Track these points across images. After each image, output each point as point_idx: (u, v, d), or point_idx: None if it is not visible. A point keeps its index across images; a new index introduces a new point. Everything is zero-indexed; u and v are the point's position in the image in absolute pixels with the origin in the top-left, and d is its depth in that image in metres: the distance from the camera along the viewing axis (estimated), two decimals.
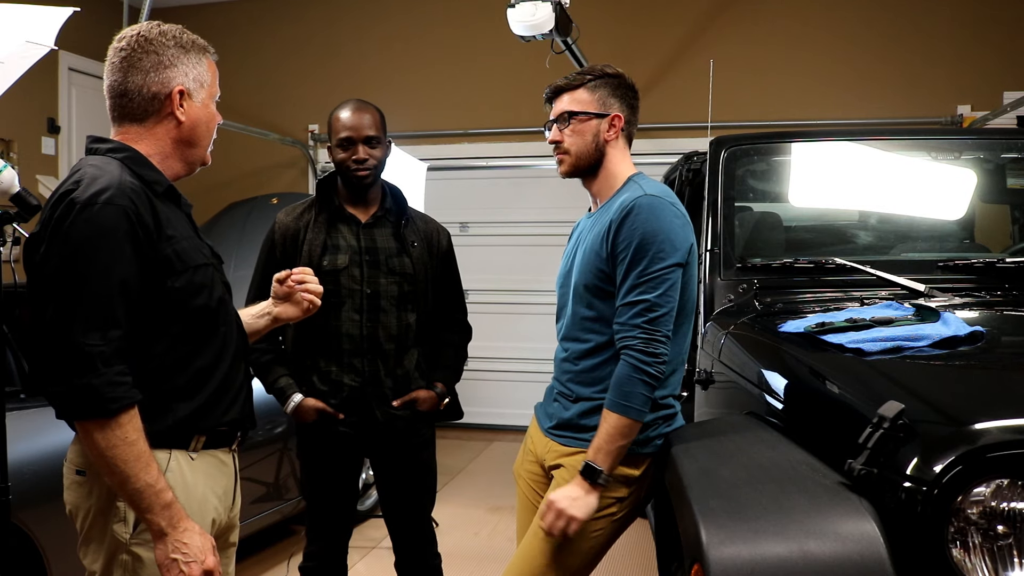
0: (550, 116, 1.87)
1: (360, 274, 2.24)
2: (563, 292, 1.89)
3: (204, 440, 1.50)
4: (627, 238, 1.66)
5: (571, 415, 1.78)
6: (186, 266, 1.43)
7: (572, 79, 1.83)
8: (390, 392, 2.26)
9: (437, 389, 2.35)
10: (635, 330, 1.63)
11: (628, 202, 1.69)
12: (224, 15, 6.66)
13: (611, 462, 1.63)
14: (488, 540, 3.71)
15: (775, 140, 2.96)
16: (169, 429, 1.44)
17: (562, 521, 1.63)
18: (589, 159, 1.82)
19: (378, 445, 2.31)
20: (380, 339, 2.25)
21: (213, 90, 1.56)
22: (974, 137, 3.14)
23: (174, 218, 1.47)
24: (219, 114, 1.59)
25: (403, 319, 2.28)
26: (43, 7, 2.34)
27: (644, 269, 1.64)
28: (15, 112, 5.40)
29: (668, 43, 5.71)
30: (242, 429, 1.59)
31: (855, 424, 1.33)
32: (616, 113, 1.80)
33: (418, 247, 2.31)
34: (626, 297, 1.65)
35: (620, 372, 1.63)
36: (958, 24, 5.35)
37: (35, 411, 2.35)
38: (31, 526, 2.18)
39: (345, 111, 2.24)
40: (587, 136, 1.80)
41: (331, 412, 2.22)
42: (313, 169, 6.52)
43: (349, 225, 2.28)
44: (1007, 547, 1.20)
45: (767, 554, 1.14)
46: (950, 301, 2.10)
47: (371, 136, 2.23)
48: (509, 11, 3.51)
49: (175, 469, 1.45)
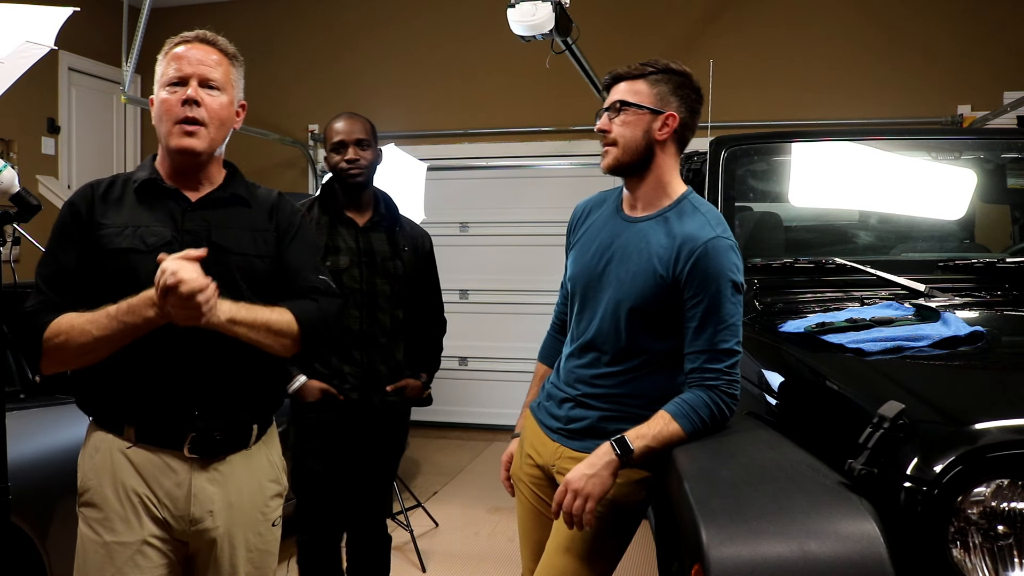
0: (604, 104, 1.78)
1: (359, 275, 2.45)
2: (586, 295, 1.79)
3: (135, 432, 1.55)
4: (703, 284, 1.61)
5: (591, 421, 1.75)
6: (106, 251, 1.54)
7: (634, 68, 1.73)
8: (385, 380, 2.49)
9: (422, 379, 2.62)
10: (718, 373, 1.61)
11: (700, 242, 1.62)
12: (224, 15, 6.66)
13: (644, 454, 1.59)
14: (488, 540, 3.70)
15: (775, 140, 2.96)
16: (101, 409, 1.58)
17: (579, 500, 1.58)
18: (636, 155, 1.71)
19: (371, 427, 2.49)
20: (376, 334, 2.47)
21: (166, 76, 1.60)
22: (974, 137, 3.13)
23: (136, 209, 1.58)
24: (186, 93, 1.56)
25: (395, 316, 2.51)
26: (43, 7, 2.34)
27: (723, 315, 1.61)
28: (15, 112, 5.40)
29: (668, 43, 5.70)
30: (196, 436, 1.55)
31: (855, 424, 1.33)
32: (672, 112, 1.69)
33: (408, 251, 2.54)
34: (709, 340, 1.61)
35: (696, 399, 1.59)
36: (958, 24, 5.35)
37: (35, 411, 2.35)
38: (31, 526, 2.18)
39: (338, 120, 2.49)
40: (637, 130, 1.70)
41: (334, 392, 2.40)
42: (313, 169, 6.52)
43: (348, 228, 2.47)
44: (1007, 547, 1.21)
45: (767, 554, 1.14)
46: (950, 301, 2.10)
47: (361, 139, 2.46)
48: (509, 11, 3.51)
49: (104, 451, 1.55)
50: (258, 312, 1.53)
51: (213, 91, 1.59)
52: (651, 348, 1.71)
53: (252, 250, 1.63)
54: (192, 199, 1.61)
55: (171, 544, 1.56)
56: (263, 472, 1.68)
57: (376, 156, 2.51)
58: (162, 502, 1.54)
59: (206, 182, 1.65)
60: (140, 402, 1.54)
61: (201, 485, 1.56)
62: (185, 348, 1.52)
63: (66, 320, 1.49)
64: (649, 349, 1.71)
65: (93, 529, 1.54)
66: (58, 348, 1.48)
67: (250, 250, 1.63)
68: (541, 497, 1.86)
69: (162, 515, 1.55)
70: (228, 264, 1.58)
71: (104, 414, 1.59)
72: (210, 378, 1.57)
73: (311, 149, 6.52)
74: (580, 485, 1.58)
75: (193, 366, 1.54)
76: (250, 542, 1.63)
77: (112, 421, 1.57)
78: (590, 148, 5.84)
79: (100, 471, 1.55)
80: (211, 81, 1.59)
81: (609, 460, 1.58)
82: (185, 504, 1.55)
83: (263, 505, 1.67)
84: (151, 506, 1.54)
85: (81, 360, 1.51)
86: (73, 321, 1.48)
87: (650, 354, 1.71)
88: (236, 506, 1.61)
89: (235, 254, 1.60)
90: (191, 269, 1.38)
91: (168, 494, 1.55)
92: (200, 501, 1.56)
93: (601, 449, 1.60)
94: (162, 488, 1.54)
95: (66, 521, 1.52)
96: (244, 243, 1.63)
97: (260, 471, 1.67)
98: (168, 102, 1.57)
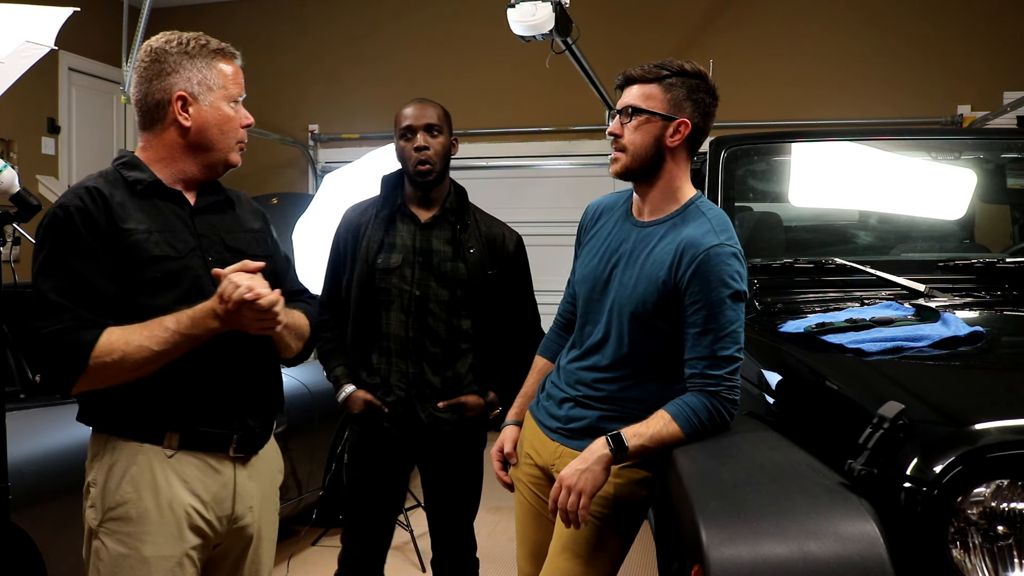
0: (616, 105, 1.72)
1: (411, 275, 2.21)
2: (590, 299, 1.78)
3: (178, 439, 1.50)
4: (703, 290, 1.59)
5: (591, 421, 1.75)
6: (143, 258, 1.47)
7: (647, 71, 1.67)
8: (437, 394, 2.22)
9: (488, 397, 2.28)
10: (719, 379, 1.60)
11: (701, 248, 1.60)
12: (224, 15, 6.66)
13: (639, 452, 1.58)
14: (488, 540, 3.70)
15: (775, 140, 2.96)
16: (136, 420, 1.49)
17: (573, 496, 1.58)
18: (646, 162, 1.68)
19: (425, 448, 2.28)
20: (425, 343, 2.21)
21: (229, 92, 1.55)
22: (974, 137, 3.13)
23: (150, 213, 1.51)
24: (245, 115, 1.58)
25: (455, 324, 2.23)
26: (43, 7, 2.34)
27: (723, 322, 1.59)
28: (15, 112, 5.40)
29: (668, 43, 5.70)
30: (241, 435, 1.55)
31: (855, 424, 1.33)
32: (684, 119, 1.65)
33: (476, 252, 2.25)
34: (709, 347, 1.60)
35: (697, 402, 1.59)
36: (958, 24, 5.35)
37: (35, 411, 2.35)
38: (31, 526, 2.18)
39: (407, 106, 2.26)
40: (648, 137, 1.66)
41: (378, 405, 2.20)
42: (313, 169, 6.52)
43: (408, 224, 2.24)
44: (1007, 547, 1.21)
45: (767, 555, 1.14)
46: (950, 301, 2.10)
47: (432, 124, 2.22)
48: (509, 11, 3.51)
49: (143, 464, 1.48)
50: (294, 316, 1.60)
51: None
52: (653, 353, 1.70)
53: (260, 251, 1.64)
54: (191, 202, 1.59)
55: (203, 552, 1.55)
56: (275, 462, 1.72)
57: (450, 145, 2.27)
58: (209, 507, 1.52)
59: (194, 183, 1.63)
60: (186, 408, 1.51)
61: (243, 482, 1.57)
62: (227, 350, 1.51)
63: (119, 337, 1.41)
64: (651, 354, 1.71)
65: (127, 544, 1.47)
66: (108, 367, 1.40)
67: (258, 251, 1.63)
68: (540, 497, 1.86)
69: (207, 518, 1.52)
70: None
71: (137, 424, 1.50)
72: (253, 377, 1.59)
73: (311, 149, 6.52)
74: (573, 481, 1.58)
75: (237, 367, 1.55)
76: (270, 533, 1.68)
77: (149, 431, 1.50)
78: (590, 148, 5.84)
79: (138, 483, 1.48)
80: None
81: (602, 455, 1.58)
82: (230, 504, 1.55)
83: (276, 494, 1.72)
84: (194, 514, 1.50)
85: (130, 376, 1.43)
86: (128, 337, 1.41)
87: (652, 359, 1.71)
88: (267, 497, 1.65)
89: (250, 257, 1.58)
90: (260, 281, 1.43)
91: (215, 497, 1.53)
92: (243, 498, 1.57)
93: (595, 444, 1.59)
94: (209, 491, 1.52)
95: (66, 521, 1.51)
96: (252, 246, 1.63)
97: (274, 461, 1.72)
98: (235, 121, 1.57)
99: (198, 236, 1.55)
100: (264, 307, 1.41)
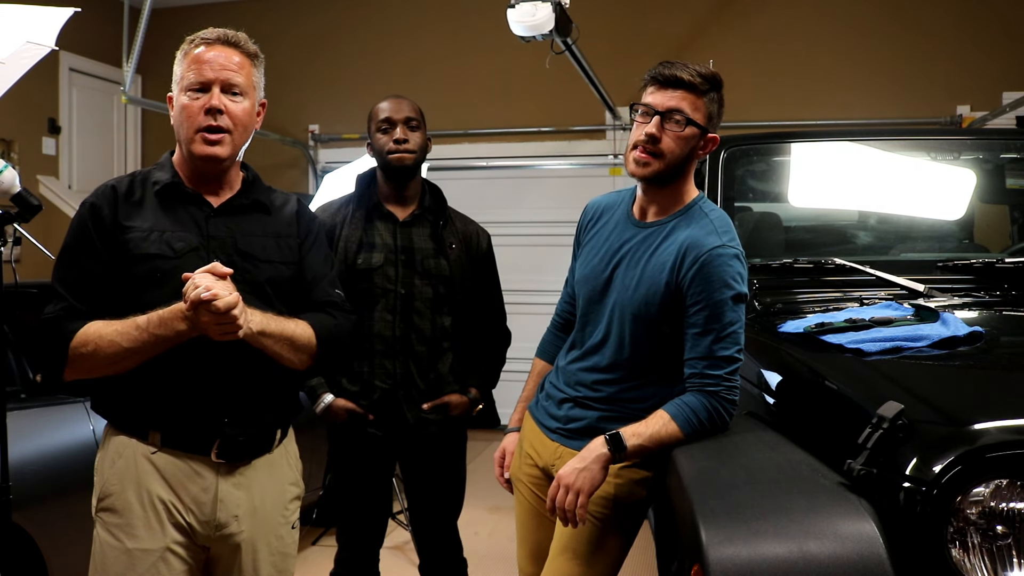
0: (647, 99, 1.66)
1: (395, 274, 2.19)
2: (591, 300, 1.78)
3: (160, 437, 1.52)
4: (704, 291, 1.60)
5: (590, 421, 1.75)
6: (133, 256, 1.50)
7: (699, 81, 1.61)
8: (422, 395, 2.21)
9: (470, 394, 2.30)
10: (718, 379, 1.60)
11: (703, 249, 1.60)
12: (224, 15, 6.62)
13: (638, 452, 1.58)
14: (488, 540, 3.70)
15: (775, 140, 2.96)
16: (126, 415, 1.53)
17: (571, 495, 1.58)
18: (676, 171, 1.67)
19: (409, 448, 2.27)
20: (412, 341, 2.20)
21: (187, 80, 1.54)
22: (974, 137, 3.14)
23: (165, 213, 1.54)
24: (207, 101, 1.52)
25: (438, 322, 2.23)
26: (44, 7, 2.34)
27: (724, 323, 1.59)
28: (16, 112, 5.40)
29: (668, 44, 5.70)
30: (222, 441, 1.54)
31: (855, 424, 1.34)
32: (715, 135, 1.68)
33: (456, 249, 2.25)
34: (709, 347, 1.60)
35: (696, 403, 1.59)
36: (958, 24, 5.36)
37: (35, 411, 2.35)
38: (31, 526, 2.18)
39: (384, 101, 2.26)
40: (687, 148, 1.65)
41: (361, 412, 2.17)
42: (313, 169, 6.52)
43: (386, 222, 2.22)
44: (1006, 547, 1.21)
45: (767, 555, 1.14)
46: (950, 301, 2.10)
47: (410, 117, 2.21)
48: (509, 11, 3.51)
49: (129, 458, 1.51)
50: (284, 325, 1.54)
51: (236, 97, 1.55)
52: (654, 354, 1.71)
53: (278, 257, 1.62)
54: (214, 204, 1.59)
55: (192, 550, 1.55)
56: (284, 476, 1.68)
57: (426, 144, 2.25)
58: (187, 507, 1.52)
59: (226, 186, 1.63)
60: (167, 408, 1.52)
61: (227, 490, 1.55)
62: (213, 354, 1.50)
63: (94, 329, 1.46)
64: (651, 355, 1.71)
65: (114, 535, 1.51)
66: (85, 358, 1.45)
67: (276, 257, 1.62)
68: (540, 497, 1.86)
69: (187, 521, 1.52)
70: (256, 272, 1.57)
71: (127, 419, 1.55)
72: (238, 384, 1.56)
73: (311, 149, 6.52)
74: (571, 480, 1.58)
75: (222, 372, 1.53)
76: (272, 545, 1.63)
77: (136, 426, 1.53)
78: (590, 148, 5.84)
79: (123, 476, 1.51)
80: (234, 87, 1.55)
81: (600, 454, 1.58)
82: (211, 509, 1.54)
83: (284, 508, 1.67)
84: (175, 512, 1.51)
85: (109, 369, 1.47)
86: (101, 331, 1.45)
87: (652, 360, 1.71)
88: (260, 510, 1.60)
89: (262, 262, 1.59)
90: (223, 285, 1.40)
91: (194, 499, 1.53)
92: (226, 506, 1.55)
93: (594, 443, 1.60)
94: (188, 493, 1.52)
95: (67, 521, 1.51)
96: (270, 250, 1.61)
97: (281, 475, 1.67)
98: (190, 109, 1.51)
99: (208, 238, 1.55)
100: (220, 309, 1.37)
